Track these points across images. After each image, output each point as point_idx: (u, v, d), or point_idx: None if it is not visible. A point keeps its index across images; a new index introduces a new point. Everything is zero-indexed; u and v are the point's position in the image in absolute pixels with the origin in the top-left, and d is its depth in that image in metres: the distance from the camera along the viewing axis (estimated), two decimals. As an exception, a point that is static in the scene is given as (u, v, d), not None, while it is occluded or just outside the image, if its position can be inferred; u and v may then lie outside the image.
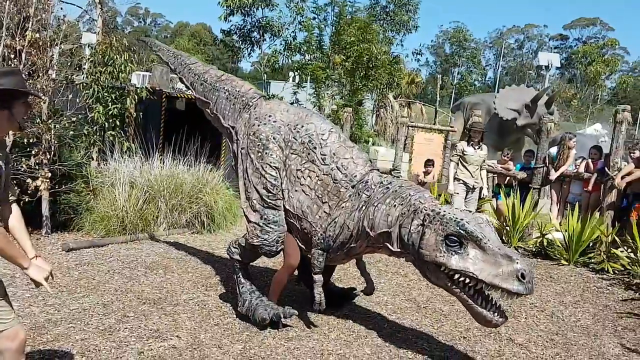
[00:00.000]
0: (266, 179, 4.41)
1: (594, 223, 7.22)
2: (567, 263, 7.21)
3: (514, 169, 9.33)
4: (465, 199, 8.14)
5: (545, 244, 7.69)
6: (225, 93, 5.06)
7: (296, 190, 4.35)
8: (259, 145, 4.51)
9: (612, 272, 6.78)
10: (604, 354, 4.41)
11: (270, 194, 4.40)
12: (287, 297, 5.02)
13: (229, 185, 8.25)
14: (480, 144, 8.18)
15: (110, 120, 8.17)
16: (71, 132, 7.18)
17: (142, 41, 7.90)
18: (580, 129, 23.69)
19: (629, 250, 6.82)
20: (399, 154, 10.16)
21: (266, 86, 17.35)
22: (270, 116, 4.60)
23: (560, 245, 7.47)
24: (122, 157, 7.87)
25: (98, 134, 8.10)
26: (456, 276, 3.50)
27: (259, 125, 4.58)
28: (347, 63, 13.90)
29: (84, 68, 8.35)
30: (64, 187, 6.83)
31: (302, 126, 4.47)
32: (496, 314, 3.49)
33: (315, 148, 4.35)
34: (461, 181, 7.97)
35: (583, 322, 5.13)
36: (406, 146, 12.08)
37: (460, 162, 8.15)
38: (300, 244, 4.46)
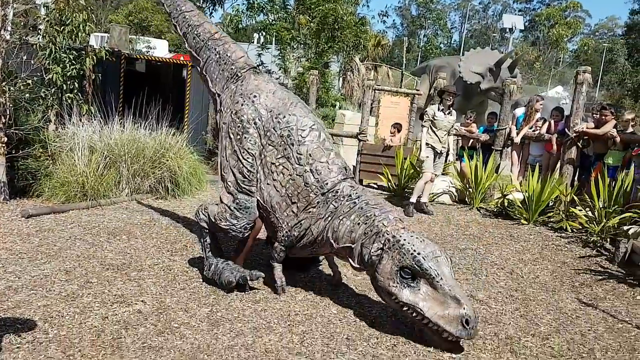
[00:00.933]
0: (243, 165, 4.34)
1: (554, 183, 7.41)
2: (526, 222, 7.42)
3: (477, 131, 9.45)
4: (433, 163, 8.09)
5: (506, 204, 7.88)
6: (216, 55, 4.86)
7: (268, 184, 4.30)
8: (239, 127, 4.40)
9: (570, 231, 7.02)
10: (561, 308, 4.59)
11: (245, 180, 4.33)
12: (254, 261, 5.03)
13: (193, 149, 8.12)
14: (451, 109, 7.91)
15: (69, 82, 7.88)
16: (27, 95, 6.91)
17: None
18: (543, 92, 24.10)
19: (587, 209, 7.05)
20: (366, 118, 10.13)
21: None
22: (255, 96, 4.47)
23: (520, 205, 7.66)
24: (81, 121, 7.64)
25: (55, 96, 7.81)
26: (405, 307, 3.65)
27: (242, 105, 4.46)
28: (312, 24, 13.66)
29: (40, 29, 7.97)
30: (21, 152, 6.60)
31: (284, 116, 4.34)
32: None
33: (292, 145, 4.25)
34: (430, 146, 7.85)
35: (541, 279, 5.32)
36: (373, 110, 12.07)
37: (430, 126, 7.89)
38: (267, 230, 4.51)
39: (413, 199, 7.72)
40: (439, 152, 7.89)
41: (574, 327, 4.20)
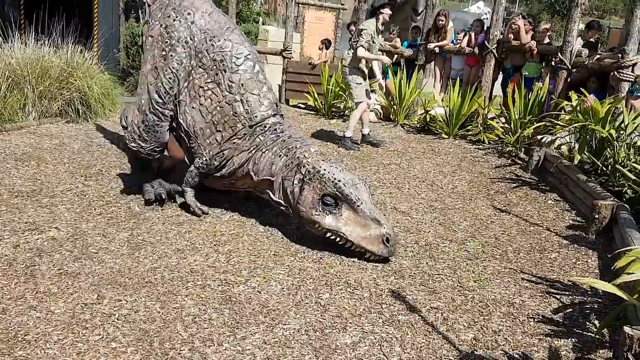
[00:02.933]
0: (161, 83, 4.12)
1: (473, 97, 7.58)
2: (447, 137, 7.62)
3: (401, 46, 9.39)
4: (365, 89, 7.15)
5: (427, 119, 8.02)
6: None
7: (193, 107, 4.11)
8: (167, 43, 4.15)
9: (487, 143, 7.29)
10: (477, 215, 4.82)
11: (160, 101, 4.14)
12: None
13: (104, 68, 7.57)
14: (385, 27, 6.98)
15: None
16: None
17: None
18: (465, 8, 24.26)
19: (504, 120, 7.31)
20: (290, 34, 9.80)
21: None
22: (189, 14, 4.20)
23: (441, 120, 7.83)
24: (-24, 39, 6.89)
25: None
26: (328, 234, 3.74)
27: (173, 20, 4.18)
28: None
29: None
30: None
31: (219, 40, 4.13)
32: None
33: (225, 71, 4.07)
34: (361, 70, 6.85)
35: (460, 189, 5.54)
36: (297, 26, 11.67)
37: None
38: (185, 155, 4.38)
39: (349, 133, 6.88)
40: (367, 75, 7.04)
41: (489, 232, 4.44)
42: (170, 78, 4.13)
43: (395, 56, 9.40)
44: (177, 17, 4.20)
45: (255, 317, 2.93)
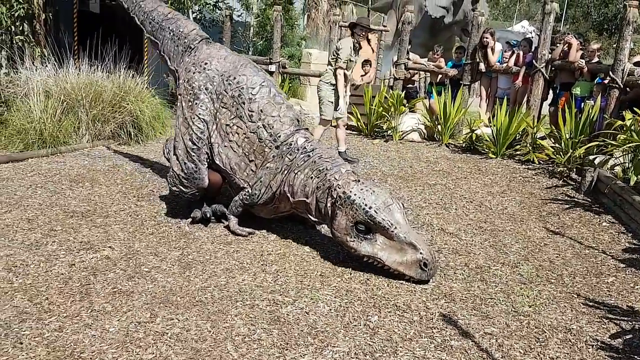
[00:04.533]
0: (193, 131, 4.33)
1: (521, 116, 7.43)
2: (494, 156, 7.48)
3: (445, 66, 9.34)
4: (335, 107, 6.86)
5: (474, 139, 7.90)
6: (170, 33, 4.93)
7: (225, 146, 4.31)
8: (191, 94, 4.43)
9: (537, 163, 7.11)
10: (529, 237, 4.68)
11: (195, 147, 4.32)
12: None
13: (154, 92, 7.81)
14: (361, 46, 6.69)
15: (17, 23, 7.41)
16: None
17: None
18: (509, 27, 23.98)
19: (554, 140, 7.13)
20: (332, 55, 9.88)
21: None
22: (206, 63, 4.49)
23: (488, 139, 7.69)
24: (34, 64, 7.23)
25: (4, 38, 7.35)
26: (365, 258, 3.73)
27: (194, 73, 4.49)
28: (274, -43, 13.06)
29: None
30: (-29, 100, 6.24)
31: (235, 78, 4.36)
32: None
33: (244, 103, 4.27)
34: (335, 88, 6.67)
35: (510, 210, 5.40)
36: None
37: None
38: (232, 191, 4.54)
39: (341, 148, 6.97)
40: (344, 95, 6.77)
41: (542, 255, 4.30)
42: (199, 124, 4.33)
43: (439, 76, 9.37)
44: (196, 69, 4.49)
45: (304, 339, 2.91)
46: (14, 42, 7.43)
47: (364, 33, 6.64)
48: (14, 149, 6.29)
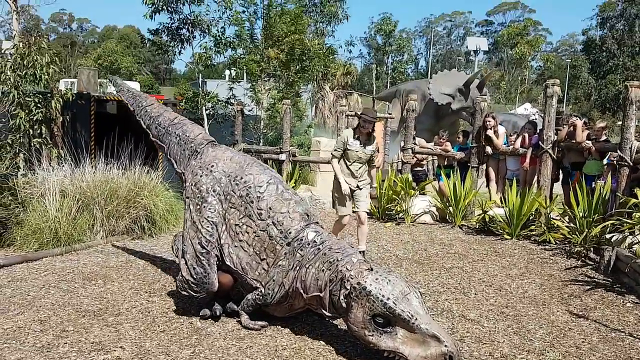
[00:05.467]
0: (202, 234, 4.30)
1: (533, 196, 7.43)
2: (509, 237, 7.39)
3: (452, 150, 9.50)
4: (349, 200, 6.11)
5: (487, 220, 7.86)
6: (176, 138, 5.03)
7: (235, 246, 4.26)
8: (199, 197, 4.43)
9: (553, 243, 7.00)
10: (553, 322, 4.51)
11: (204, 251, 4.27)
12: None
13: (168, 186, 7.95)
14: (370, 138, 6.01)
15: (35, 127, 7.71)
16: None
17: (106, 78, 7.82)
18: (512, 110, 24.57)
19: (568, 219, 7.06)
20: (340, 143, 10.12)
21: (202, 85, 16.92)
22: (212, 166, 4.54)
23: (502, 220, 7.65)
24: (51, 165, 7.44)
25: (22, 141, 7.62)
26: (386, 353, 3.50)
27: (200, 176, 4.52)
28: (281, 55, 13.72)
29: (2, 75, 7.82)
30: (-11, 201, 6.37)
31: (242, 178, 4.38)
32: None
33: (252, 202, 4.26)
34: (338, 180, 6.06)
35: (530, 293, 5.25)
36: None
37: (343, 158, 6.07)
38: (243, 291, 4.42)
39: (362, 247, 6.13)
40: (355, 187, 6.09)
41: (568, 340, 4.12)
42: (208, 226, 4.29)
43: (447, 159, 9.52)
44: (202, 172, 4.53)
45: None
46: (32, 144, 7.68)
47: (366, 125, 5.86)
48: (29, 249, 6.33)
